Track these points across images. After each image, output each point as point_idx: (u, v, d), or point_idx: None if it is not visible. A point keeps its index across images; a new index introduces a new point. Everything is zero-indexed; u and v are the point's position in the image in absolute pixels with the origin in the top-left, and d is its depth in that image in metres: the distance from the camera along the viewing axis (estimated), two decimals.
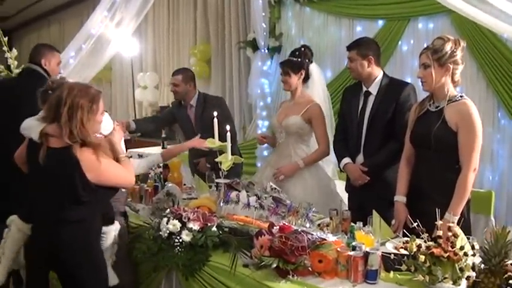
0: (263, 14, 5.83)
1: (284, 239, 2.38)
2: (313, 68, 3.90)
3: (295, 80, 3.76)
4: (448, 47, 2.70)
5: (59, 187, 2.50)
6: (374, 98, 3.39)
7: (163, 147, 6.50)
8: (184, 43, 7.93)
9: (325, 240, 2.49)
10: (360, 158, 3.45)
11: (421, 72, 2.79)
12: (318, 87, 3.95)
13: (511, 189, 4.20)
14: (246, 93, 6.54)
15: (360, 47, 3.40)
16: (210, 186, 3.59)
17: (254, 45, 6.13)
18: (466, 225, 2.72)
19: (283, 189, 3.40)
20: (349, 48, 3.46)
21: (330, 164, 4.01)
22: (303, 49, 3.86)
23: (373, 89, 3.40)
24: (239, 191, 3.20)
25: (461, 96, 2.78)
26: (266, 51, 6.04)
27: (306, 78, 3.83)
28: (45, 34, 12.52)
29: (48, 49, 3.93)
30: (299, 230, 2.52)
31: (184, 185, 4.12)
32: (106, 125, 2.81)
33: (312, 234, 2.49)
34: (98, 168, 2.50)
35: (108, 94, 10.37)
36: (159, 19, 8.57)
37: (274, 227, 2.54)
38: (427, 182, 2.85)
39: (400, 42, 4.91)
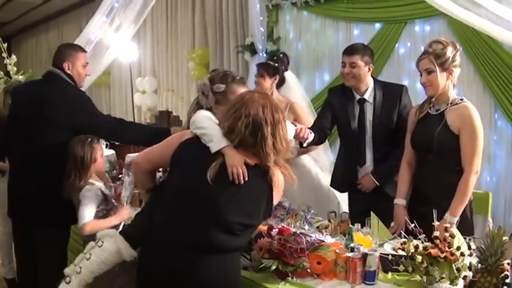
0: (261, 18, 5.84)
1: (283, 241, 2.41)
2: (289, 75, 3.96)
3: (268, 83, 3.80)
4: (449, 51, 2.74)
5: (237, 209, 2.07)
6: (373, 105, 3.36)
7: None
8: (183, 48, 7.95)
9: (324, 242, 2.52)
10: (369, 167, 3.43)
11: (426, 78, 2.79)
12: (294, 94, 4.06)
13: (508, 190, 4.21)
14: None
15: (363, 52, 3.33)
16: None
17: (252, 49, 6.13)
18: (468, 227, 2.76)
19: None
20: (353, 52, 3.34)
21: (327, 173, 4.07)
22: (281, 55, 3.91)
23: (368, 96, 3.38)
24: None
25: (461, 100, 2.81)
26: (264, 55, 6.04)
27: (280, 83, 3.87)
28: (44, 39, 12.54)
29: (71, 50, 3.51)
30: (298, 232, 2.54)
31: None
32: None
33: (311, 236, 2.52)
34: (282, 190, 2.19)
35: (107, 99, 10.39)
36: (157, 24, 8.59)
37: (273, 230, 2.57)
38: (428, 185, 2.88)
39: (397, 45, 4.93)
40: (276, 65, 3.82)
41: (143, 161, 2.37)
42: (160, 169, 2.73)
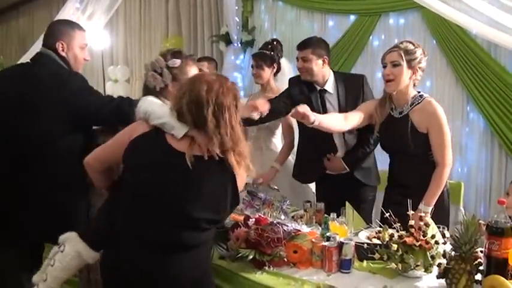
0: (236, 7, 5.82)
1: (260, 231, 2.42)
2: (284, 62, 3.93)
3: (268, 73, 3.77)
4: (419, 52, 2.78)
5: (200, 203, 1.98)
6: (336, 96, 3.36)
7: None
8: (156, 36, 7.86)
9: (300, 231, 2.54)
10: (340, 155, 3.43)
11: (390, 70, 2.78)
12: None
13: (479, 180, 4.30)
14: None
15: (315, 46, 3.32)
16: None
17: (227, 39, 6.11)
18: (445, 215, 2.82)
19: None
20: (303, 47, 3.33)
21: None
22: (274, 43, 3.87)
23: (329, 87, 3.37)
24: None
25: (420, 96, 2.83)
26: (239, 45, 6.03)
27: (277, 71, 3.86)
28: (14, 26, 12.24)
29: (66, 26, 2.93)
30: (275, 222, 2.56)
31: None
32: None
33: (287, 226, 2.54)
34: (244, 181, 2.11)
35: None
36: (130, 12, 8.47)
37: (250, 220, 2.57)
38: (403, 175, 2.92)
39: (371, 38, 4.97)
40: (272, 53, 3.79)
41: (94, 161, 2.23)
42: None
